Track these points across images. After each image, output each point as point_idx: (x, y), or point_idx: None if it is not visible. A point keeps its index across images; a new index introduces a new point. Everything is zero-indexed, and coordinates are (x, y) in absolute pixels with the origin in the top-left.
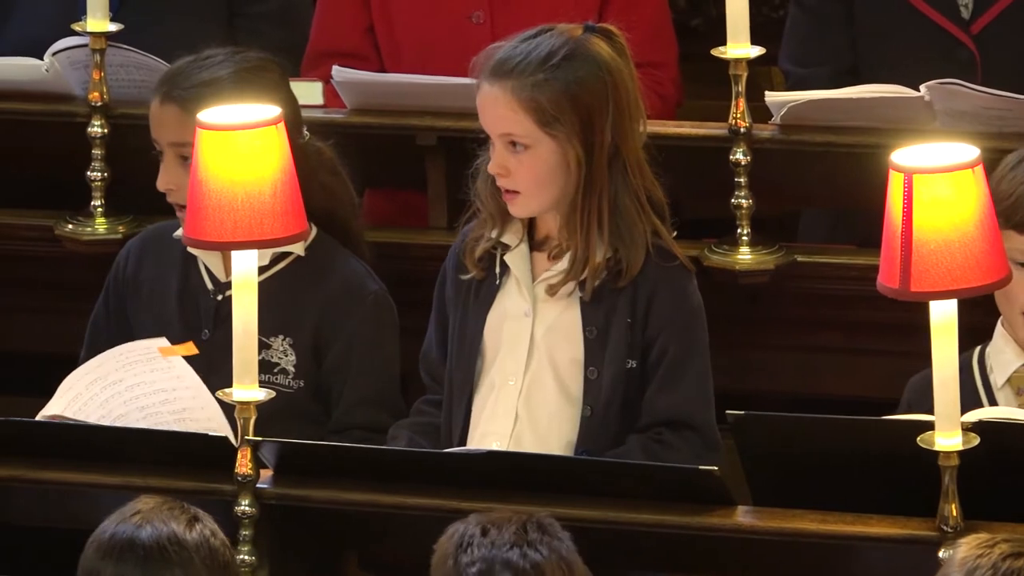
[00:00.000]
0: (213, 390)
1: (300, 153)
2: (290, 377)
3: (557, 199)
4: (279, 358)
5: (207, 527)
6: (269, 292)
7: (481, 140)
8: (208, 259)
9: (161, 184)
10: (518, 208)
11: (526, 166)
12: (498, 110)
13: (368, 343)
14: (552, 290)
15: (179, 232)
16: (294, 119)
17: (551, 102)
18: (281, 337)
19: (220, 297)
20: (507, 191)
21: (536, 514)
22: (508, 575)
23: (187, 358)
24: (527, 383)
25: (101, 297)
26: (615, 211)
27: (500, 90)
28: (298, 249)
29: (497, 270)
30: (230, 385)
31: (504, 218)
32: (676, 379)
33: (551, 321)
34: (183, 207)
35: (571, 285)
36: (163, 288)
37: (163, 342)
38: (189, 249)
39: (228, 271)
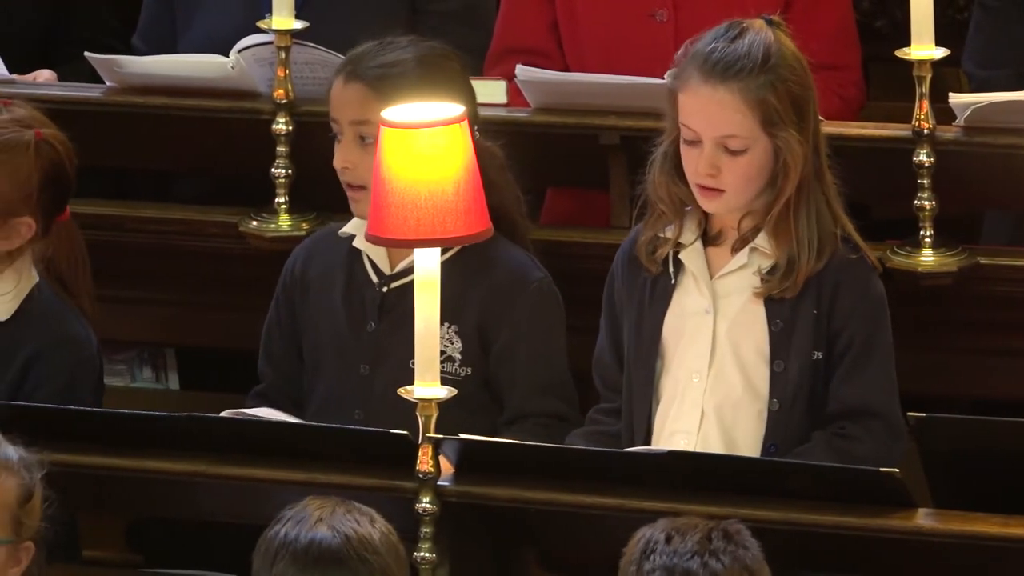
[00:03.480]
0: (378, 382)
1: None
2: (456, 364)
3: (754, 198)
4: (445, 345)
5: (382, 524)
6: None
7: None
8: (373, 253)
9: (338, 162)
10: (716, 205)
11: (742, 166)
12: (724, 112)
13: (535, 331)
14: (763, 291)
15: (345, 229)
16: (472, 115)
17: (778, 101)
18: (446, 325)
19: (385, 289)
20: (709, 189)
21: (725, 521)
22: None
23: (356, 350)
24: (712, 379)
25: (272, 305)
26: (818, 206)
27: (726, 91)
28: None
29: (671, 268)
30: (396, 377)
31: (682, 214)
32: (861, 368)
33: (734, 316)
34: (355, 187)
35: (756, 280)
36: (330, 285)
37: None
38: (354, 244)
39: (393, 264)
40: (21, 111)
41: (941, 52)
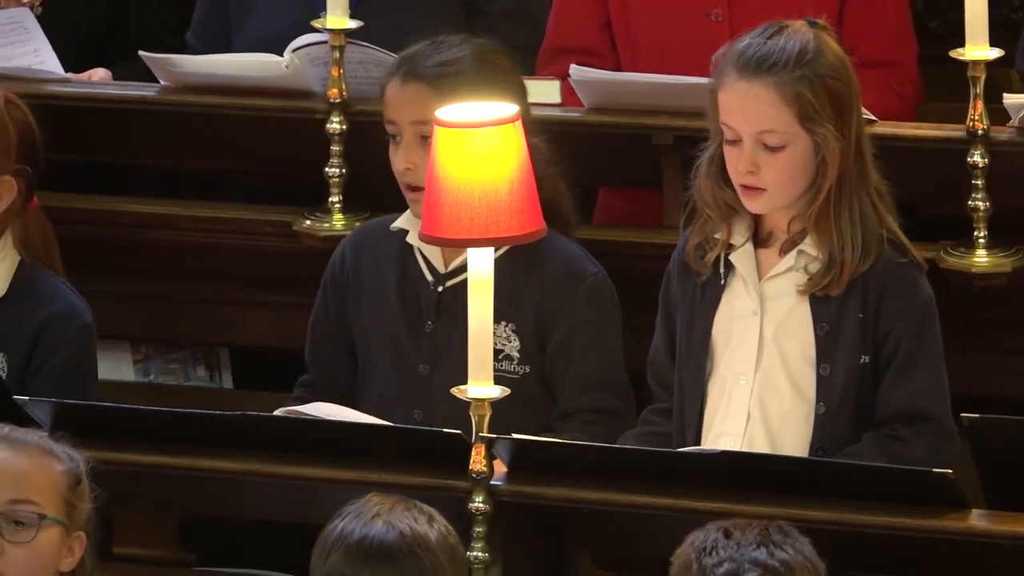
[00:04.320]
0: (438, 383)
1: None
2: (515, 363)
3: (798, 197)
4: (503, 344)
5: (441, 523)
6: None
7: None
8: (426, 250)
9: (400, 163)
10: (760, 204)
11: (782, 163)
12: (760, 107)
13: (590, 326)
14: (805, 288)
15: (396, 224)
16: (525, 112)
17: (815, 96)
18: (504, 323)
19: (441, 288)
20: (751, 188)
21: (775, 521)
22: (758, 572)
23: (414, 350)
24: (758, 381)
25: (319, 299)
26: (861, 206)
27: (762, 86)
28: None
29: (722, 270)
30: (456, 376)
31: (730, 217)
32: (910, 372)
33: (781, 319)
34: (417, 188)
35: (803, 280)
36: (382, 282)
37: None
38: (408, 240)
39: (447, 262)
40: None
41: (995, 52)
